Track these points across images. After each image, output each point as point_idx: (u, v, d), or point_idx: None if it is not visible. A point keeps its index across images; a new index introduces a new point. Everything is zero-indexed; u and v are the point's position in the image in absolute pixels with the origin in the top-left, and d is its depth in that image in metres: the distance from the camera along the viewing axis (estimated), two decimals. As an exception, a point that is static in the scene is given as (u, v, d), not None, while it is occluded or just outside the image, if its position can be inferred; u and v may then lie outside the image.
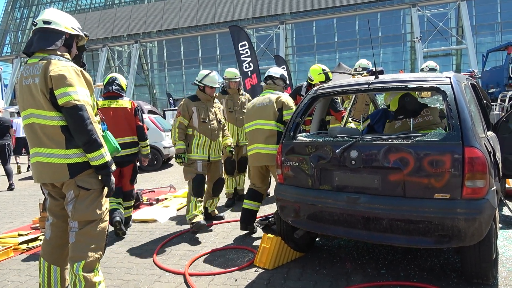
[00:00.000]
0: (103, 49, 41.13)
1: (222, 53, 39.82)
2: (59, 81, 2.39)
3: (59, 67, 2.43)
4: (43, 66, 2.44)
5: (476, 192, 2.58)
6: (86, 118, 2.41)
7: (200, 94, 4.75)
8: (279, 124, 4.19)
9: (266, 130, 4.19)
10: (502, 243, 3.66)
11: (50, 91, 2.41)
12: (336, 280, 3.11)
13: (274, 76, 4.54)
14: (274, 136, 4.14)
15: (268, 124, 4.20)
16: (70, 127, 2.43)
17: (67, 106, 2.38)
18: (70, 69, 2.46)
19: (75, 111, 2.38)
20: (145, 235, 4.69)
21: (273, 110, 4.20)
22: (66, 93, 2.39)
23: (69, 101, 2.38)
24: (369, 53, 31.50)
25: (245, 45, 13.36)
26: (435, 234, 2.65)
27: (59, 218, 2.66)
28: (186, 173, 4.66)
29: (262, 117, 4.25)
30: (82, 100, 2.42)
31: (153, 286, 3.25)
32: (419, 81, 3.09)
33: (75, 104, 2.38)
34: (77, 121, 2.40)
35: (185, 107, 4.65)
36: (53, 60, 2.46)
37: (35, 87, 2.44)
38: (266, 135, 4.18)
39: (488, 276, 2.79)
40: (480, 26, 34.22)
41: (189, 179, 4.61)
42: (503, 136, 4.13)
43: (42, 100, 2.43)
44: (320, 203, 3.09)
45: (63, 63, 2.47)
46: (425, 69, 6.59)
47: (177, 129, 4.61)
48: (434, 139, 2.71)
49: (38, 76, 2.43)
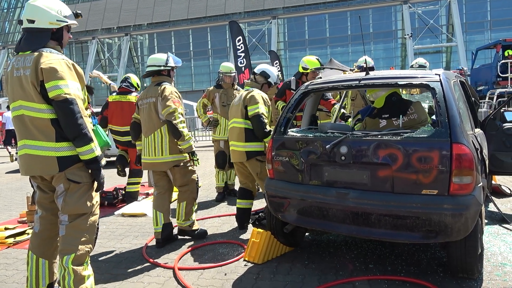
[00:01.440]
0: (93, 41, 40.54)
1: (214, 47, 39.61)
2: (50, 74, 2.37)
3: (51, 60, 2.41)
4: (34, 58, 2.41)
5: (463, 188, 2.62)
6: (76, 112, 2.39)
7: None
8: (247, 121, 4.18)
9: (237, 128, 4.23)
10: (487, 239, 3.73)
11: (41, 83, 2.39)
12: (325, 275, 3.14)
13: (255, 72, 4.52)
14: (242, 133, 4.16)
15: (238, 122, 4.23)
16: (60, 120, 2.41)
17: (58, 100, 2.37)
18: (61, 62, 2.44)
19: (66, 104, 2.37)
20: (135, 229, 4.68)
21: (241, 108, 4.22)
22: (57, 86, 2.37)
23: (60, 94, 2.36)
24: (360, 49, 31.63)
25: (240, 40, 13.45)
26: (423, 229, 2.68)
27: (48, 211, 2.65)
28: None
29: (236, 115, 4.28)
30: (73, 94, 2.41)
31: (142, 280, 3.24)
32: (409, 78, 3.12)
33: (66, 98, 2.37)
34: (68, 115, 2.38)
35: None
36: (45, 53, 2.44)
37: (26, 79, 2.41)
38: (237, 132, 4.22)
39: (474, 271, 2.84)
40: (470, 24, 34.55)
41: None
42: (490, 133, 4.19)
43: (33, 93, 2.41)
44: (310, 198, 3.11)
45: (54, 56, 2.45)
46: (415, 66, 6.63)
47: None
48: (423, 135, 2.74)
49: (29, 68, 2.40)
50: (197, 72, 40.35)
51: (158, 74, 4.06)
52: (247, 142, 4.12)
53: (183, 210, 4.10)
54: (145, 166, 4.13)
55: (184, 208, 4.10)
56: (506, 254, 3.38)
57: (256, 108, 4.10)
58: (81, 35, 40.05)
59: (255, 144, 4.12)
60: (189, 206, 4.12)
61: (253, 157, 4.12)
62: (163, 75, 4.07)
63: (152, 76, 4.10)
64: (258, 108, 4.10)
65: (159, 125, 3.93)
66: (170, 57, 4.09)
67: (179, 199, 4.15)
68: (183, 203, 4.12)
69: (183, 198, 4.12)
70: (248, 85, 4.44)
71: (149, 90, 4.04)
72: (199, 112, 6.15)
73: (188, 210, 4.11)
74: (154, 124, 3.95)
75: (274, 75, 4.52)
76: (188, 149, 3.93)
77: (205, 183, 7.38)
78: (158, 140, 3.94)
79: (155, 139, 3.95)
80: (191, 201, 4.14)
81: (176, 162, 3.98)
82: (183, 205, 4.11)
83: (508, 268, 3.11)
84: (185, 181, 4.08)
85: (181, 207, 4.12)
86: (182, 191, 4.12)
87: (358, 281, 2.99)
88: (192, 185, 4.13)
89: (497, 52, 15.95)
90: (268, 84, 4.49)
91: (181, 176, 4.04)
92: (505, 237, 3.78)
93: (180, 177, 4.04)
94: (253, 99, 4.16)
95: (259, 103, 4.14)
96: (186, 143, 3.89)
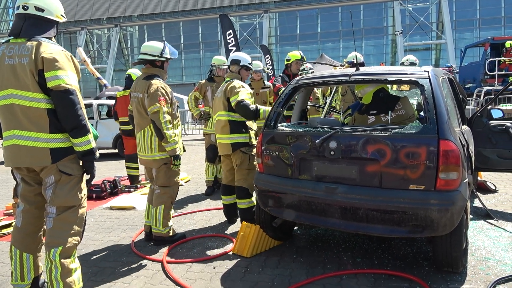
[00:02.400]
0: (82, 32, 39.93)
1: (205, 40, 39.32)
2: (51, 63, 2.35)
3: (51, 50, 2.40)
4: (33, 47, 2.38)
5: (449, 184, 2.66)
6: (77, 102, 2.39)
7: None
8: (230, 113, 4.12)
9: (222, 121, 4.17)
10: (472, 234, 3.79)
11: (39, 72, 2.36)
12: (313, 268, 3.17)
13: (228, 65, 4.44)
14: (227, 126, 4.12)
15: (222, 115, 4.17)
16: (59, 111, 2.39)
17: (58, 90, 2.35)
18: (61, 53, 2.44)
19: (66, 95, 2.35)
20: (123, 222, 4.65)
21: (223, 101, 4.15)
22: (57, 76, 2.35)
23: (60, 84, 2.35)
24: (351, 45, 31.73)
25: (230, 34, 13.36)
26: (409, 224, 2.72)
27: (32, 205, 2.60)
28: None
29: (219, 108, 4.21)
30: (73, 85, 2.40)
31: (130, 274, 3.23)
32: (398, 74, 3.15)
33: (67, 88, 2.36)
34: (68, 106, 2.36)
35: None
36: (44, 42, 2.42)
37: (22, 68, 2.37)
38: (222, 125, 4.16)
39: (458, 265, 2.90)
40: (460, 22, 34.87)
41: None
42: (476, 130, 4.25)
43: (29, 81, 2.37)
44: (299, 193, 3.13)
45: (54, 47, 2.44)
46: (406, 63, 6.69)
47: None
48: (411, 131, 2.77)
49: (27, 56, 2.37)
50: (188, 65, 40.05)
51: (151, 64, 3.79)
52: (232, 134, 4.10)
53: (161, 215, 3.78)
54: (140, 161, 4.00)
55: (162, 212, 3.79)
56: (490, 249, 3.45)
57: (236, 97, 4.02)
58: (69, 25, 39.40)
59: (239, 135, 4.09)
60: (166, 210, 3.82)
61: (238, 148, 4.11)
62: (156, 66, 3.79)
63: (144, 65, 3.83)
64: (238, 96, 4.01)
65: (147, 121, 3.72)
66: (167, 46, 3.81)
67: (156, 202, 3.81)
68: (160, 207, 3.79)
69: (161, 201, 3.80)
70: (228, 77, 4.36)
71: (138, 82, 3.81)
72: (191, 105, 6.09)
73: (166, 215, 3.81)
74: (143, 120, 3.76)
75: (244, 58, 4.37)
76: (171, 152, 3.66)
77: (194, 176, 7.37)
78: (148, 137, 3.76)
79: (145, 136, 3.78)
80: (169, 206, 3.85)
81: (166, 160, 3.77)
82: (161, 209, 3.79)
83: (492, 263, 3.18)
84: (168, 182, 3.82)
85: (158, 211, 3.79)
86: (161, 192, 3.81)
87: (345, 275, 3.03)
88: (174, 188, 3.89)
89: (485, 50, 16.14)
90: (245, 68, 4.34)
91: (164, 175, 3.80)
92: (489, 232, 3.86)
93: (163, 176, 3.80)
94: (233, 89, 4.08)
95: (240, 91, 4.05)
96: (169, 146, 3.62)
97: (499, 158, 4.24)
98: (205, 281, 3.05)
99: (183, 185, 6.59)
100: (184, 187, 6.51)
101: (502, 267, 3.08)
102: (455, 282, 2.87)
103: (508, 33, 28.11)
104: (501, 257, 3.27)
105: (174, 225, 4.45)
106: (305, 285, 2.90)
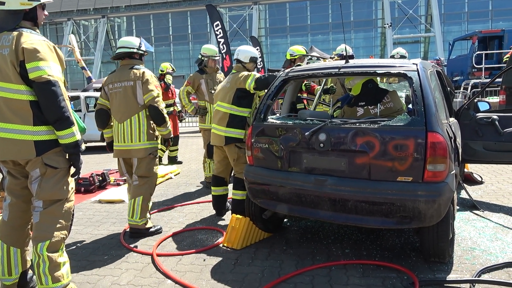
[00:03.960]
0: (68, 23, 39.18)
1: (194, 31, 38.93)
2: (32, 54, 2.29)
3: (32, 40, 2.33)
4: (14, 37, 2.31)
5: (437, 176, 2.70)
6: (59, 94, 2.33)
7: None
8: (233, 107, 4.09)
9: (221, 112, 4.16)
10: (458, 224, 3.86)
11: (21, 63, 2.30)
12: (302, 260, 3.20)
13: (241, 60, 4.33)
14: (225, 118, 4.10)
15: (224, 107, 4.14)
16: (41, 103, 2.34)
17: (40, 81, 2.29)
18: (43, 43, 2.37)
19: (48, 86, 2.29)
20: (112, 216, 4.63)
21: (229, 92, 4.11)
22: (39, 68, 2.29)
23: (42, 75, 2.29)
24: (341, 37, 31.74)
25: (218, 25, 13.17)
26: (397, 215, 2.76)
27: (19, 198, 2.56)
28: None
29: (223, 99, 4.16)
30: (56, 76, 2.34)
31: (120, 267, 3.22)
32: (387, 67, 3.16)
33: (49, 80, 2.30)
34: (50, 97, 2.31)
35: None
36: (25, 32, 2.35)
37: (3, 58, 2.31)
38: (220, 116, 4.15)
39: (445, 255, 2.95)
40: (448, 15, 35.10)
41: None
42: (464, 123, 4.30)
43: (11, 73, 2.31)
44: (289, 185, 3.14)
45: (35, 37, 2.37)
46: (396, 56, 6.72)
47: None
48: (399, 124, 2.80)
49: (8, 47, 2.31)
50: (177, 57, 39.63)
51: (130, 57, 3.88)
52: (228, 127, 4.08)
53: (139, 207, 3.77)
54: (117, 153, 3.89)
55: (141, 204, 3.78)
56: (476, 239, 3.52)
57: (252, 77, 4.03)
58: (55, 16, 38.63)
59: (235, 130, 4.08)
60: (145, 202, 3.81)
61: (232, 143, 4.10)
62: (134, 59, 3.89)
63: (122, 58, 3.91)
64: (252, 76, 4.04)
65: (136, 110, 3.75)
66: (143, 42, 3.94)
67: (134, 193, 3.80)
68: (139, 198, 3.78)
69: (140, 192, 3.79)
70: (236, 70, 4.30)
71: (121, 73, 3.81)
72: (184, 101, 5.72)
73: (144, 207, 3.81)
74: (131, 109, 3.76)
75: (256, 53, 4.45)
76: (168, 135, 3.92)
77: (184, 169, 7.34)
78: (135, 125, 3.75)
79: (131, 125, 3.76)
80: (148, 197, 3.86)
81: (152, 150, 3.82)
82: (139, 200, 3.78)
83: (477, 252, 3.24)
84: (148, 173, 3.83)
85: (136, 203, 3.77)
86: (140, 183, 3.81)
87: (334, 266, 3.06)
88: (153, 179, 3.90)
89: (473, 44, 16.31)
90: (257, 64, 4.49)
91: (146, 166, 3.81)
92: (475, 223, 3.93)
93: (145, 166, 3.80)
94: (245, 76, 4.08)
95: (251, 74, 4.08)
96: (167, 129, 3.86)
97: (485, 150, 4.31)
98: (195, 273, 3.05)
99: (173, 178, 6.57)
100: (173, 180, 6.48)
101: (487, 257, 3.15)
102: (441, 271, 2.92)
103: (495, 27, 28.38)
104: (486, 247, 3.33)
105: (164, 218, 4.44)
106: (294, 276, 2.92)
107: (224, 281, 2.91)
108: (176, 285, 2.88)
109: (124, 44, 3.88)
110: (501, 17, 33.14)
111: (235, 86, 4.09)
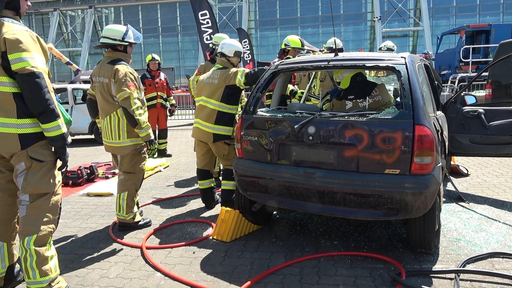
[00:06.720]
0: (54, 13, 38.36)
1: (183, 23, 38.51)
2: (14, 45, 2.23)
3: (14, 31, 2.26)
4: None
5: (424, 168, 2.74)
6: (43, 86, 2.28)
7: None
8: (222, 104, 4.04)
9: (209, 109, 4.09)
10: (444, 216, 3.93)
11: (3, 54, 2.24)
12: (291, 252, 3.23)
13: (226, 54, 4.20)
14: (214, 116, 4.05)
15: (212, 103, 4.08)
16: (25, 95, 2.28)
17: (23, 73, 2.23)
18: (25, 33, 2.30)
19: (32, 78, 2.24)
20: (101, 209, 4.59)
21: (218, 89, 4.05)
22: (22, 59, 2.23)
23: (25, 67, 2.23)
24: (331, 30, 31.73)
25: (205, 14, 12.78)
26: (385, 207, 2.80)
27: (4, 192, 2.52)
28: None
29: (210, 95, 4.09)
30: (39, 67, 2.28)
31: (109, 260, 3.21)
32: (376, 60, 3.18)
33: (32, 71, 2.24)
34: (34, 89, 2.25)
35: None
36: (6, 22, 2.29)
37: None
38: (208, 112, 4.09)
39: (431, 246, 3.00)
40: (437, 9, 35.32)
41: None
42: (450, 116, 4.36)
43: None
44: (278, 177, 3.15)
45: (18, 27, 2.30)
46: (383, 48, 6.77)
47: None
48: (387, 117, 2.82)
49: None
50: (166, 49, 39.21)
51: (113, 49, 3.68)
52: (216, 124, 4.06)
53: (124, 202, 3.73)
54: (105, 148, 3.85)
55: (126, 199, 3.73)
56: (461, 230, 3.59)
57: (241, 72, 3.97)
58: (41, 6, 37.84)
59: (224, 128, 4.05)
60: (130, 197, 3.76)
61: (220, 140, 4.09)
62: (118, 51, 3.68)
63: (106, 49, 3.71)
64: (241, 71, 3.98)
65: (114, 107, 3.61)
66: (130, 30, 3.68)
67: (120, 189, 3.76)
68: (123, 193, 3.74)
69: (125, 188, 3.74)
70: (220, 64, 4.20)
71: (102, 67, 3.66)
72: (193, 91, 5.49)
73: (129, 202, 3.76)
74: (109, 106, 3.63)
75: (241, 47, 4.35)
76: (145, 138, 3.63)
77: (173, 162, 7.31)
78: (114, 123, 3.63)
79: (111, 122, 3.64)
80: (133, 193, 3.79)
81: (135, 147, 3.69)
82: (124, 196, 3.73)
83: (462, 243, 3.31)
84: (132, 168, 3.74)
85: (121, 198, 3.74)
86: (125, 179, 3.75)
87: (323, 257, 3.10)
88: (138, 175, 3.80)
89: (461, 38, 16.48)
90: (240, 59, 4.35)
91: (129, 162, 3.72)
92: (460, 214, 4.00)
93: (128, 162, 3.72)
94: (234, 73, 4.02)
95: (239, 69, 4.03)
96: (143, 131, 3.59)
97: (471, 143, 4.37)
98: (184, 266, 3.06)
99: (162, 171, 6.54)
100: (162, 173, 6.46)
101: (472, 247, 3.22)
102: (427, 262, 2.98)
103: (483, 21, 28.69)
104: (471, 238, 3.40)
105: (154, 211, 4.43)
106: (283, 268, 2.95)
107: (213, 273, 2.92)
108: (166, 277, 2.89)
109: (107, 34, 3.64)
110: (488, 11, 33.50)
111: (224, 83, 4.04)
